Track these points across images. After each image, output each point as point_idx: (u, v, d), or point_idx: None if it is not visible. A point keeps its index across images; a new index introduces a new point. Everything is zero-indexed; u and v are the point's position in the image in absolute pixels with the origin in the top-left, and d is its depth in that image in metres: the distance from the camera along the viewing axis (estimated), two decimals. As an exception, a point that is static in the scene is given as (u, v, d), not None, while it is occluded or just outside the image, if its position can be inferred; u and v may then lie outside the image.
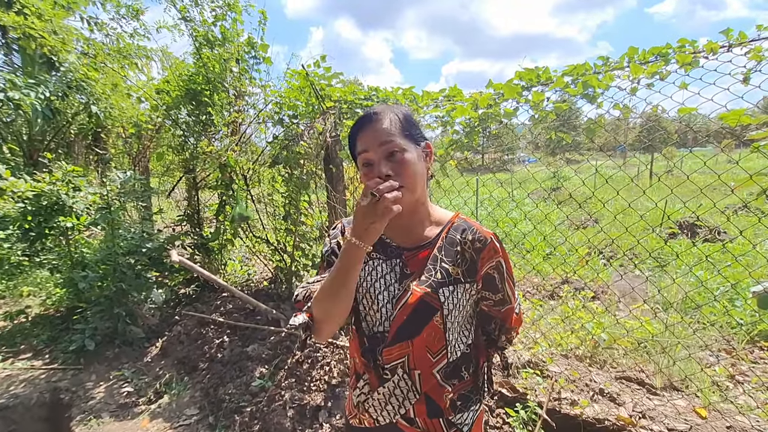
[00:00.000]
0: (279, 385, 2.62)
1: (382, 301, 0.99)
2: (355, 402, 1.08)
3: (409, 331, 0.98)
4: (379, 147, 0.93)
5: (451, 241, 1.01)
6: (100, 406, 2.87)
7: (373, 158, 0.93)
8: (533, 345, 2.78)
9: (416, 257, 1.01)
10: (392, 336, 0.98)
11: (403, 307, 0.97)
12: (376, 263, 1.03)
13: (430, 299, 0.96)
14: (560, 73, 2.28)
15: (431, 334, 0.98)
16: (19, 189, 3.64)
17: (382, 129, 0.94)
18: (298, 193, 3.41)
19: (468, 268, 0.99)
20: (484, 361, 1.12)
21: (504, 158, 35.71)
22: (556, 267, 4.53)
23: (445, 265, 0.99)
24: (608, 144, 11.49)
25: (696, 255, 4.97)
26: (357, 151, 0.97)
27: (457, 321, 1.00)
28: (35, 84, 4.45)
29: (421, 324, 0.97)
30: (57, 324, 4.00)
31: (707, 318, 3.18)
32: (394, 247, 1.03)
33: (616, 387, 2.39)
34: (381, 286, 1.00)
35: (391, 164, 0.92)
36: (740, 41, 1.89)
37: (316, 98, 3.15)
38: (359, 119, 0.98)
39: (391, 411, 1.03)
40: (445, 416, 1.03)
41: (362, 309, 1.04)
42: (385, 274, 1.01)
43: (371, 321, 1.02)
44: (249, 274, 4.65)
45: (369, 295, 1.01)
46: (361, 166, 0.96)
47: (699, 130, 2.44)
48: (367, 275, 1.03)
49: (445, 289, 0.97)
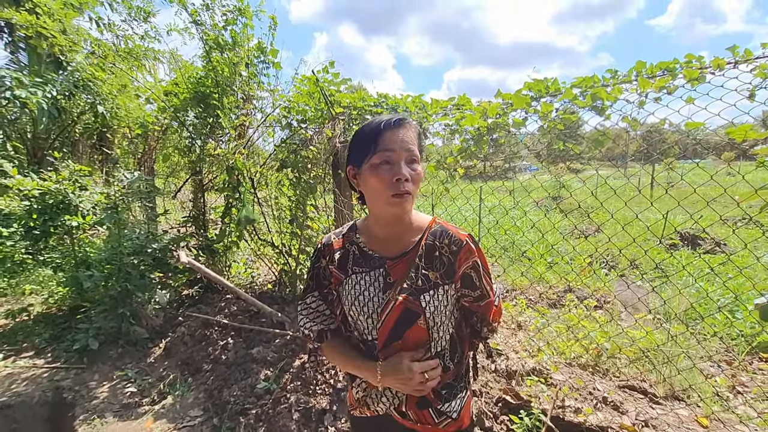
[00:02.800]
0: (284, 387, 2.63)
1: (368, 312, 1.04)
2: (355, 397, 1.17)
3: (397, 335, 1.04)
4: (404, 151, 0.97)
5: (430, 246, 1.06)
6: (104, 406, 2.87)
7: (396, 158, 0.96)
8: (537, 353, 2.80)
9: (398, 265, 1.06)
10: (382, 343, 1.05)
11: (388, 315, 1.03)
12: (359, 277, 1.07)
13: (412, 306, 1.02)
14: (569, 85, 2.33)
15: (417, 334, 1.04)
16: (26, 187, 3.66)
17: (409, 136, 0.99)
18: (305, 197, 3.43)
19: (446, 271, 1.05)
20: (468, 350, 1.18)
21: (505, 166, 35.84)
22: (560, 279, 4.55)
23: (425, 271, 1.04)
24: (610, 154, 11.56)
25: (697, 266, 5.00)
26: (378, 148, 0.97)
27: (440, 320, 1.05)
28: (42, 83, 4.49)
29: (406, 327, 1.03)
30: (59, 323, 4.00)
31: (709, 329, 3.21)
32: (377, 258, 1.07)
33: (620, 396, 2.41)
34: (365, 298, 1.05)
35: (408, 170, 0.97)
36: (746, 58, 1.93)
37: (325, 104, 3.19)
38: (382, 121, 0.99)
39: (386, 402, 1.11)
40: (434, 406, 1.09)
41: (351, 319, 1.10)
42: (369, 286, 1.06)
43: (361, 329, 1.08)
44: (253, 277, 4.66)
45: (355, 307, 1.06)
46: (378, 163, 0.97)
47: (699, 143, 2.48)
48: (351, 289, 1.07)
49: (426, 294, 1.03)
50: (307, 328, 1.16)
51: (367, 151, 0.98)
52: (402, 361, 1.01)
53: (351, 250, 1.11)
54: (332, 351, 1.15)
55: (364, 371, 1.07)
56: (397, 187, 0.95)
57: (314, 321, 1.16)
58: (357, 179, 1.05)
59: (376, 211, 1.07)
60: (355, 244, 1.11)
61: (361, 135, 1.02)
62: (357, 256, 1.09)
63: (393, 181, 0.95)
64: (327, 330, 1.15)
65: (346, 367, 1.14)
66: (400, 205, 0.97)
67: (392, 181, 0.95)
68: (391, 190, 0.96)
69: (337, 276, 1.10)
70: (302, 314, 1.18)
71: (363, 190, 1.05)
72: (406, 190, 0.96)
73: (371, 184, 0.99)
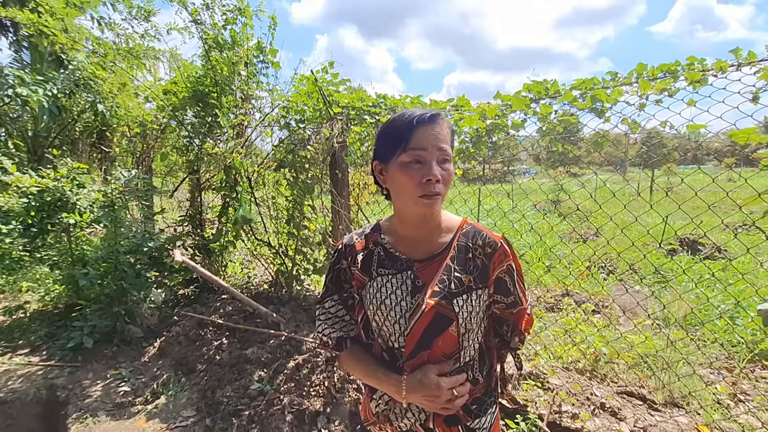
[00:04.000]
0: (278, 389, 2.60)
1: (395, 317, 0.97)
2: (373, 411, 1.08)
3: (426, 342, 0.97)
4: (436, 150, 0.91)
5: (462, 248, 1.00)
6: (97, 405, 2.85)
7: (428, 157, 0.90)
8: (534, 357, 2.77)
9: (428, 268, 0.99)
10: (410, 351, 0.97)
11: (418, 321, 0.95)
12: (385, 279, 1.00)
13: (445, 310, 0.95)
14: (568, 87, 2.31)
15: (446, 342, 0.97)
16: (24, 184, 3.64)
17: (443, 133, 0.93)
18: (303, 197, 3.41)
19: (480, 275, 0.99)
20: (496, 362, 1.12)
21: (504, 169, 35.87)
22: (557, 282, 4.53)
23: (458, 274, 0.97)
24: (609, 158, 11.54)
25: (696, 271, 4.97)
26: (409, 145, 0.90)
27: (472, 327, 0.99)
28: (43, 81, 4.48)
29: (437, 334, 0.96)
30: (55, 321, 3.98)
31: (710, 335, 3.18)
32: (404, 260, 1.01)
33: (618, 402, 2.38)
34: (392, 302, 0.97)
35: (440, 170, 0.91)
36: (749, 61, 1.91)
37: (324, 104, 3.18)
38: (415, 115, 0.92)
39: (412, 418, 1.03)
40: (463, 422, 1.02)
41: (375, 325, 1.02)
42: (396, 289, 0.98)
43: (386, 335, 1.00)
44: (249, 277, 4.64)
45: (380, 312, 0.99)
46: (409, 161, 0.90)
47: (699, 148, 2.47)
48: (377, 291, 0.99)
49: (459, 299, 0.95)
50: (326, 335, 1.08)
51: (396, 147, 0.92)
52: (429, 375, 0.93)
53: (376, 251, 1.04)
54: (352, 361, 1.07)
55: (387, 385, 0.99)
56: (428, 188, 0.90)
57: (333, 327, 1.08)
58: (383, 175, 0.99)
59: (402, 210, 1.01)
60: (381, 245, 1.04)
61: (390, 129, 0.95)
62: (382, 258, 1.02)
63: (423, 181, 0.89)
64: (347, 337, 1.08)
65: (367, 379, 1.05)
66: (430, 206, 0.92)
67: (422, 181, 0.89)
68: (420, 191, 0.90)
69: (360, 279, 1.03)
70: (320, 319, 1.10)
71: (390, 187, 0.99)
72: (437, 192, 0.90)
73: (399, 183, 0.93)
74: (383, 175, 1.00)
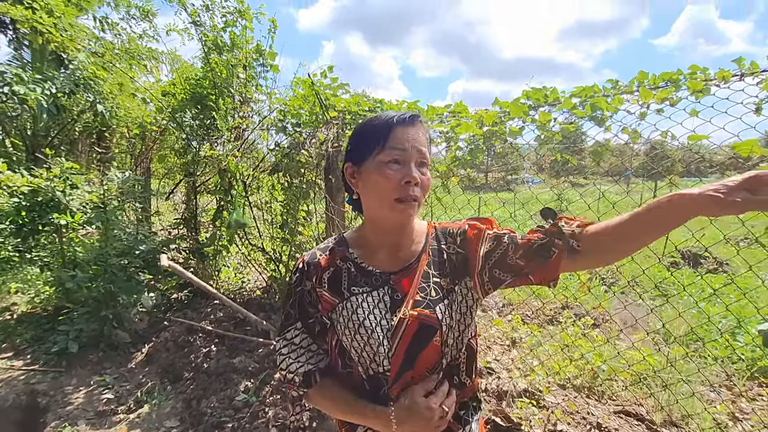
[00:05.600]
0: (264, 401, 2.51)
1: (378, 339, 0.87)
2: None
3: (410, 360, 0.88)
4: (416, 152, 0.86)
5: (435, 251, 0.95)
6: (78, 413, 2.76)
7: (408, 158, 0.85)
8: (530, 372, 2.68)
9: (404, 278, 0.92)
10: (395, 374, 0.88)
11: (402, 338, 0.87)
12: (360, 298, 0.91)
13: (428, 320, 0.87)
14: (568, 94, 2.25)
15: (429, 356, 0.89)
16: (15, 183, 3.59)
17: (422, 136, 0.89)
18: (297, 202, 3.35)
19: (459, 269, 0.93)
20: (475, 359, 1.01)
21: (507, 178, 35.90)
22: (557, 294, 4.43)
23: (436, 279, 0.92)
24: (613, 169, 11.50)
25: (698, 286, 4.87)
26: (387, 144, 0.85)
27: (455, 334, 0.91)
28: (42, 80, 4.44)
29: (420, 349, 0.88)
30: (42, 323, 3.90)
31: (710, 352, 3.08)
32: (379, 274, 0.92)
33: (615, 422, 2.28)
34: (372, 323, 0.88)
35: (419, 173, 0.86)
36: (752, 71, 1.85)
37: (320, 107, 3.12)
38: (394, 114, 0.87)
39: None
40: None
41: (354, 353, 0.91)
42: (374, 308, 0.89)
43: (367, 361, 0.90)
44: (243, 282, 4.57)
45: (359, 336, 0.89)
46: (387, 160, 0.85)
47: (702, 160, 2.41)
48: (352, 314, 0.89)
49: (440, 305, 0.89)
50: (291, 371, 0.94)
51: (373, 146, 0.86)
52: (417, 400, 0.85)
53: (344, 267, 0.94)
54: (325, 397, 0.94)
55: (373, 419, 0.87)
56: (406, 190, 0.84)
57: (299, 361, 0.94)
58: (355, 179, 0.92)
59: (375, 216, 0.93)
60: (350, 260, 0.95)
61: (367, 128, 0.90)
62: (354, 274, 0.93)
63: (401, 183, 0.84)
64: (315, 370, 0.94)
65: (346, 415, 0.93)
66: (405, 211, 0.86)
67: (400, 183, 0.84)
68: (396, 193, 0.84)
69: (330, 301, 0.92)
70: (282, 353, 0.95)
71: (361, 191, 0.92)
72: (415, 196, 0.85)
73: (374, 185, 0.87)
74: (355, 178, 0.92)
